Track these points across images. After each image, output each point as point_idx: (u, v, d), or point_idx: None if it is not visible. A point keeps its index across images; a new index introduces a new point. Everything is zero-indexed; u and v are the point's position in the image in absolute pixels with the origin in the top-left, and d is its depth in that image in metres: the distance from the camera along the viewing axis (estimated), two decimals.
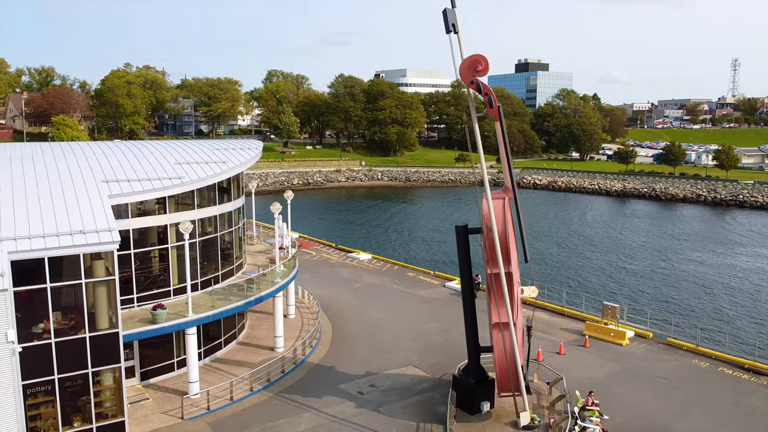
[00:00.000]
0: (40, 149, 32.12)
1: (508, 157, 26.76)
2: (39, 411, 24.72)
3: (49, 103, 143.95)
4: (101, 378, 25.76)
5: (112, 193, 28.02)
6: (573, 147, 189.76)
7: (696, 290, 61.01)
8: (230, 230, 36.00)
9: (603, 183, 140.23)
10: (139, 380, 31.18)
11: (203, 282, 33.49)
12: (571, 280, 64.65)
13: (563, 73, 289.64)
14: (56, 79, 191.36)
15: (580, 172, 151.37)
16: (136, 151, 33.24)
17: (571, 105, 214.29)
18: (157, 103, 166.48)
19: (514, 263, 26.70)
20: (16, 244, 23.41)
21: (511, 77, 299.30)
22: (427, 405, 29.90)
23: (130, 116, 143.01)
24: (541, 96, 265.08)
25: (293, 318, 41.57)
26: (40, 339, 24.16)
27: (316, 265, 58.23)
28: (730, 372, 34.36)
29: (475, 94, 26.79)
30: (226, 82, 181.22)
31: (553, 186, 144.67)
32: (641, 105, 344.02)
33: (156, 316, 28.26)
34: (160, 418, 27.97)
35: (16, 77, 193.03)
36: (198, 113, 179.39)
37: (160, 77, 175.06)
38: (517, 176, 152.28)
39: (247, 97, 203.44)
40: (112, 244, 24.81)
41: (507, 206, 26.39)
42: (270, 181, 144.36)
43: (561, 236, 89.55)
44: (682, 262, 73.65)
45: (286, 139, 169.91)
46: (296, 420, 28.27)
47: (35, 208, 25.60)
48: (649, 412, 29.63)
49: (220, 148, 35.93)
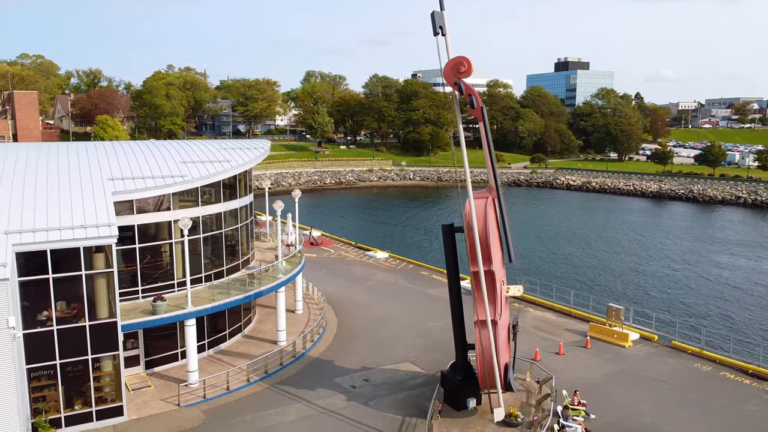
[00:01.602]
0: (56, 149, 34.03)
1: (492, 157, 27.13)
2: (43, 393, 26.44)
3: (93, 104, 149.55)
4: (101, 364, 27.31)
5: (116, 189, 29.61)
6: (610, 147, 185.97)
7: (712, 294, 59.68)
8: (236, 227, 37.29)
9: (638, 184, 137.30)
10: (143, 368, 32.74)
11: (208, 276, 34.87)
12: (584, 281, 64.08)
13: (604, 71, 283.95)
14: (103, 81, 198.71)
15: (616, 173, 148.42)
16: (146, 150, 34.84)
17: (610, 104, 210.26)
18: (196, 103, 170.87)
19: (496, 262, 27.04)
20: (21, 237, 25.11)
21: (551, 76, 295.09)
22: (417, 400, 30.46)
23: (168, 117, 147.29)
24: (580, 95, 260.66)
25: (301, 313, 42.66)
26: (44, 326, 25.84)
27: (333, 263, 59.34)
28: (732, 377, 33.78)
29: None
30: (263, 83, 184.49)
31: (587, 187, 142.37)
32: (687, 104, 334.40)
33: (156, 308, 29.69)
34: (159, 404, 29.38)
35: (65, 79, 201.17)
36: (236, 113, 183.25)
37: (199, 78, 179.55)
38: (550, 177, 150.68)
39: (285, 97, 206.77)
40: (111, 238, 26.29)
41: (489, 206, 26.73)
42: (303, 180, 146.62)
43: (581, 237, 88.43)
44: (704, 265, 71.98)
45: (320, 138, 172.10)
46: (286, 410, 29.28)
47: (42, 203, 27.32)
48: (639, 413, 29.50)
49: (227, 148, 37.27)
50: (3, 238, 24.68)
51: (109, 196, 28.78)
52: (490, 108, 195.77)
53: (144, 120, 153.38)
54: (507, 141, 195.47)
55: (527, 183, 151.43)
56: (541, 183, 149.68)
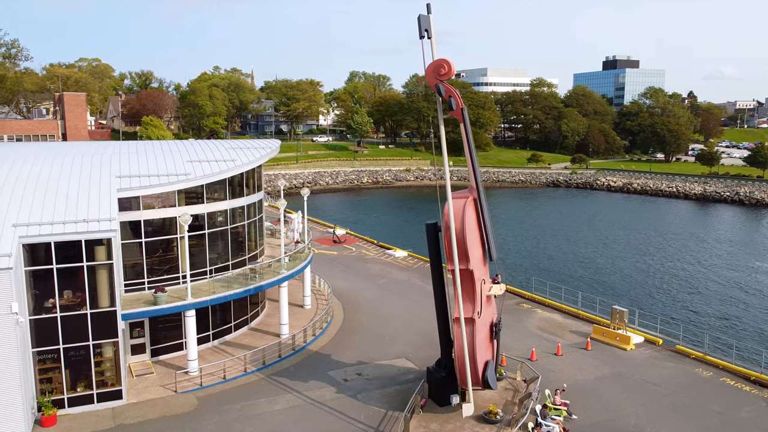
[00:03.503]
0: (74, 148, 36.28)
1: (473, 157, 27.60)
2: (48, 375, 28.46)
3: (142, 105, 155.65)
4: (102, 350, 29.14)
5: (121, 187, 31.47)
6: (656, 147, 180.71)
7: (732, 300, 57.85)
8: (242, 223, 38.76)
9: (682, 186, 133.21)
10: (149, 356, 34.57)
11: (213, 270, 36.47)
12: (601, 283, 63.22)
13: (654, 70, 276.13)
14: (154, 82, 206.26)
15: (658, 174, 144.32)
16: (156, 150, 36.73)
17: (658, 104, 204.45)
18: (241, 104, 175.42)
19: (475, 261, 27.46)
20: (28, 230, 27.16)
21: (598, 75, 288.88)
22: (405, 395, 31.09)
23: (210, 117, 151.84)
24: (629, 94, 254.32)
25: (309, 308, 43.89)
26: (49, 313, 27.82)
27: (351, 260, 60.49)
28: (731, 383, 33.12)
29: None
30: (306, 84, 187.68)
31: (628, 188, 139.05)
32: (746, 103, 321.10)
33: (157, 299, 31.40)
34: (158, 390, 31.08)
35: (119, 81, 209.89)
36: (278, 113, 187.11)
37: (243, 80, 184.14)
38: (590, 178, 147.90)
39: (327, 97, 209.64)
40: (111, 232, 28.07)
41: (468, 206, 27.17)
42: (340, 179, 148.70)
43: (607, 239, 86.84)
44: (729, 269, 69.69)
45: (359, 138, 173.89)
46: (276, 400, 30.49)
47: (51, 198, 29.38)
48: (625, 416, 29.38)
49: (234, 148, 38.82)
50: (11, 231, 26.76)
51: (114, 193, 30.64)
52: (532, 107, 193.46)
53: (188, 120, 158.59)
54: (549, 141, 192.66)
55: (566, 184, 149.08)
56: (580, 184, 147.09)
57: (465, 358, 27.25)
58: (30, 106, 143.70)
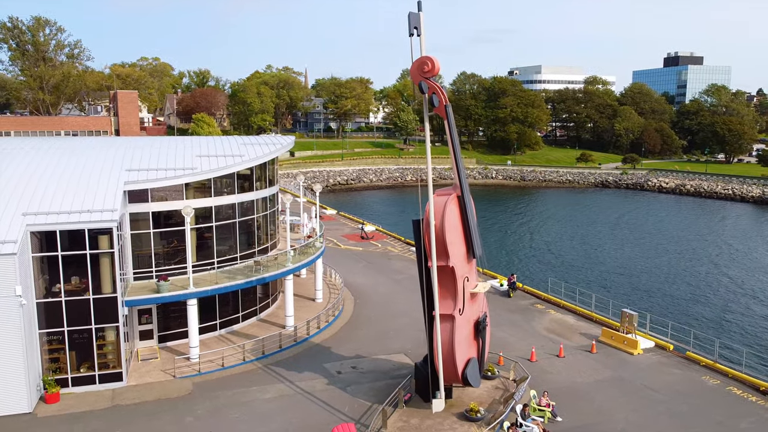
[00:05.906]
0: (91, 142, 38.28)
1: (457, 155, 27.58)
2: (54, 356, 30.28)
3: (196, 102, 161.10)
4: (104, 334, 30.74)
5: (129, 180, 33.05)
6: (716, 147, 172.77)
7: (756, 308, 55.12)
8: (251, 217, 39.88)
9: (739, 188, 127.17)
10: (156, 342, 36.14)
11: (224, 261, 37.76)
12: (626, 286, 61.24)
13: (719, 66, 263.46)
14: (211, 81, 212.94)
15: (714, 175, 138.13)
16: (171, 146, 38.28)
17: (721, 102, 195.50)
18: (291, 102, 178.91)
19: (457, 258, 27.41)
20: (35, 218, 28.98)
21: (659, 72, 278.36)
22: (394, 389, 31.30)
23: (258, 114, 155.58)
24: (691, 92, 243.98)
25: (320, 302, 44.68)
26: (55, 297, 29.60)
27: (375, 256, 61.02)
28: (738, 392, 31.76)
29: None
30: (355, 82, 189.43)
31: (681, 190, 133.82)
32: None
33: (160, 287, 32.83)
34: (158, 374, 32.51)
35: (178, 79, 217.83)
36: (326, 111, 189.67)
37: (293, 78, 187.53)
38: (641, 178, 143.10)
39: (377, 95, 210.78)
40: (111, 222, 29.57)
41: (450, 203, 27.14)
42: (384, 176, 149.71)
43: (642, 242, 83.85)
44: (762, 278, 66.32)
45: (406, 136, 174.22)
46: (267, 389, 31.37)
47: (61, 189, 31.21)
48: (613, 420, 28.70)
49: (245, 143, 39.97)
50: (20, 219, 28.63)
51: (121, 186, 32.22)
52: (585, 105, 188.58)
53: (238, 117, 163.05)
54: (602, 140, 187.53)
55: (615, 184, 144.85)
56: (630, 185, 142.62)
57: (438, 353, 27.33)
58: (91, 104, 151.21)
